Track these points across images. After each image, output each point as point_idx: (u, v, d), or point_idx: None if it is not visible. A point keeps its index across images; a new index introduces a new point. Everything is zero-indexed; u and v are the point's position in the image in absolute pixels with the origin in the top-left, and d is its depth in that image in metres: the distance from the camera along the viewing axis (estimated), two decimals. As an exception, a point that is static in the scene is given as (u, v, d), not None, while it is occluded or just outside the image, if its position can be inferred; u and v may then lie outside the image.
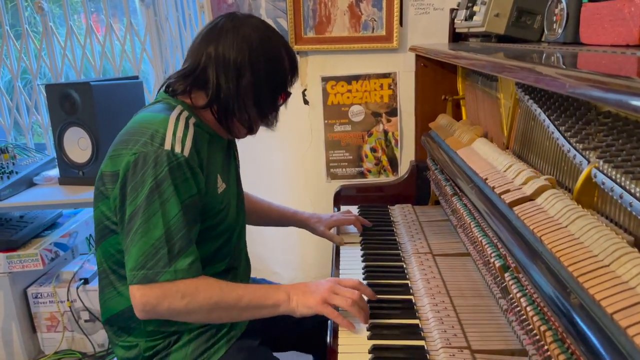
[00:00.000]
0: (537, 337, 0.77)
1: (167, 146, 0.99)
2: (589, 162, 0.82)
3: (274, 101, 1.15)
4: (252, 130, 1.16)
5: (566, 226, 0.74)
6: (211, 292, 1.00)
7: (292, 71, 1.16)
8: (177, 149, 1.00)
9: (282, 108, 1.20)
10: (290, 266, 2.31)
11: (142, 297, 0.97)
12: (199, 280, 1.00)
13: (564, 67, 0.70)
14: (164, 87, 1.16)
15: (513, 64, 0.79)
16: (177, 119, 1.06)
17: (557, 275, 0.68)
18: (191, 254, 0.99)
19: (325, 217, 1.50)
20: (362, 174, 2.16)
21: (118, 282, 1.11)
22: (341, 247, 1.43)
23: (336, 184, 1.93)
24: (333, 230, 1.51)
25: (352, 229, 1.52)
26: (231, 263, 1.21)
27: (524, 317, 0.83)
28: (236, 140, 1.30)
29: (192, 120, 1.08)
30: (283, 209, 1.52)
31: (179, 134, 1.02)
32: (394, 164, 2.14)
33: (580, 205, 0.77)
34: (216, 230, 1.13)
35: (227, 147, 1.23)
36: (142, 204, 0.97)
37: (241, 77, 1.07)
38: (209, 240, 1.12)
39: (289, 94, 1.19)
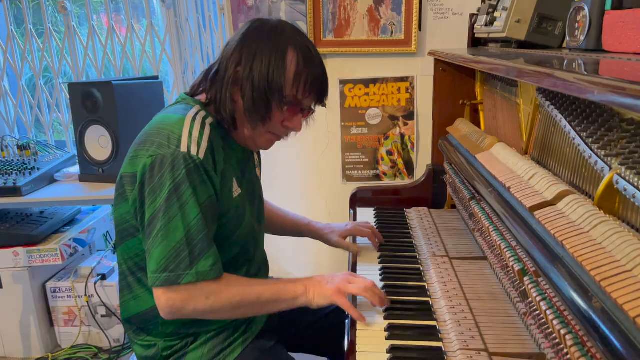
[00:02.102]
0: (557, 340, 0.78)
1: (184, 148, 1.00)
2: (610, 168, 0.83)
3: (256, 105, 1.05)
4: (234, 126, 1.09)
5: (588, 231, 0.74)
6: (234, 292, 1.02)
7: (300, 82, 1.07)
8: (194, 151, 1.00)
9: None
10: (305, 267, 2.32)
11: (168, 301, 0.99)
12: (221, 280, 1.02)
13: (586, 73, 0.71)
14: (190, 89, 1.17)
15: (534, 69, 0.80)
16: (194, 119, 1.06)
17: (578, 279, 0.69)
18: (212, 255, 1.00)
19: (339, 227, 1.46)
20: (377, 177, 2.17)
21: (136, 285, 1.13)
22: (358, 240, 1.43)
23: (352, 186, 1.94)
24: (349, 239, 1.48)
25: (367, 240, 1.48)
26: (250, 269, 1.22)
27: (543, 320, 0.83)
28: None
29: (208, 121, 1.08)
30: (298, 219, 1.50)
31: (195, 134, 1.02)
32: (409, 167, 2.15)
33: (602, 211, 0.78)
34: (233, 236, 1.13)
35: (245, 151, 1.21)
36: (162, 207, 0.98)
37: (230, 66, 1.05)
38: (227, 246, 1.12)
39: (299, 108, 1.11)
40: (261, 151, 1.33)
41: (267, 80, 1.04)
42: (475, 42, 1.72)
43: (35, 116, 2.70)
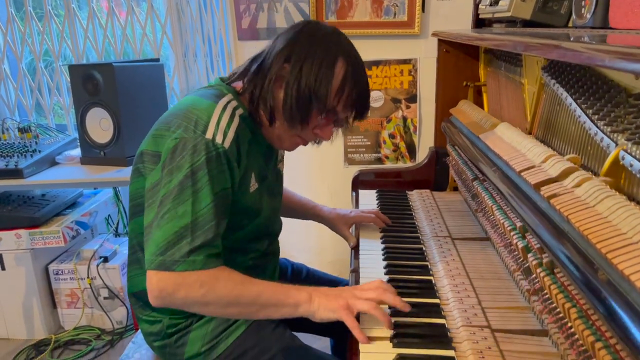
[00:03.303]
0: (561, 315, 0.78)
1: (209, 135, 0.99)
2: (616, 144, 0.82)
3: (299, 109, 1.04)
4: (271, 122, 1.08)
5: (594, 206, 0.74)
6: (231, 285, 0.96)
7: (346, 103, 1.06)
8: (218, 140, 0.99)
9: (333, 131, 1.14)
10: (306, 249, 2.33)
11: (158, 282, 0.93)
12: (219, 271, 0.96)
13: (594, 43, 0.71)
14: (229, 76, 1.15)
15: (541, 42, 0.79)
16: (224, 108, 1.04)
17: (584, 253, 0.69)
18: (214, 248, 0.97)
19: (345, 214, 1.45)
20: (379, 160, 2.17)
21: (144, 260, 1.13)
22: (360, 230, 1.44)
23: (354, 170, 1.94)
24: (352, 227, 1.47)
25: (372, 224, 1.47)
26: (259, 260, 1.21)
27: (547, 296, 0.84)
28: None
29: (239, 111, 1.07)
30: (303, 201, 1.49)
31: (223, 124, 1.01)
32: (412, 150, 2.15)
33: (607, 186, 0.78)
34: (245, 229, 1.13)
35: (270, 147, 1.20)
36: (175, 189, 0.96)
37: (276, 61, 1.04)
38: (238, 238, 1.12)
39: (335, 122, 1.11)
40: None
41: (313, 85, 1.03)
42: (479, 23, 1.70)
43: (35, 100, 2.69)
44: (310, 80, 1.02)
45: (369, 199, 1.69)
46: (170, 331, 1.13)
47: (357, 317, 0.98)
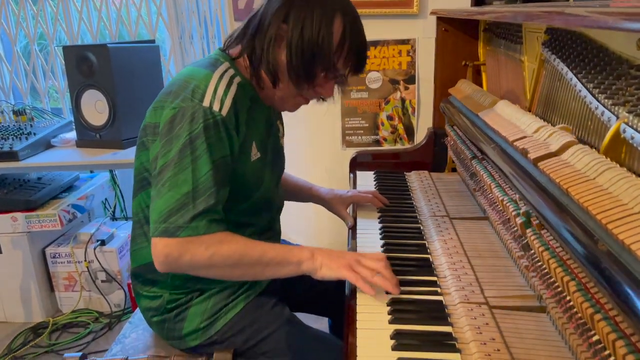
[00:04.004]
0: (559, 289, 0.77)
1: (206, 103, 0.99)
2: (617, 117, 0.81)
3: (304, 68, 1.04)
4: (275, 84, 1.07)
5: (594, 178, 0.73)
6: (235, 246, 0.98)
7: (345, 57, 1.06)
8: (216, 107, 1.00)
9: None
10: (304, 232, 2.32)
11: (164, 248, 0.95)
12: (223, 235, 0.98)
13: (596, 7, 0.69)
14: (224, 43, 1.14)
15: (543, 10, 0.77)
16: (221, 76, 1.05)
17: (584, 225, 0.68)
18: (215, 213, 0.98)
19: (342, 194, 1.44)
20: (377, 142, 2.15)
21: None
22: (358, 210, 1.43)
23: (352, 152, 1.92)
24: (349, 208, 1.46)
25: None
26: (259, 235, 1.20)
27: (546, 270, 0.83)
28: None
29: (236, 79, 1.07)
30: (300, 183, 1.49)
31: (220, 92, 1.02)
32: (410, 132, 2.13)
33: (608, 159, 0.77)
34: (248, 202, 1.12)
35: (269, 116, 1.20)
36: (174, 157, 0.97)
37: (274, 21, 1.02)
38: (241, 211, 1.12)
39: (335, 78, 1.10)
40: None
41: (316, 43, 1.02)
42: (479, 1, 1.68)
43: (30, 83, 2.66)
44: (313, 38, 1.01)
45: (366, 181, 1.68)
46: (170, 306, 1.13)
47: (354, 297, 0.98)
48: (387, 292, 0.99)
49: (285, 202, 1.50)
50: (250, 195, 1.13)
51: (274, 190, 1.24)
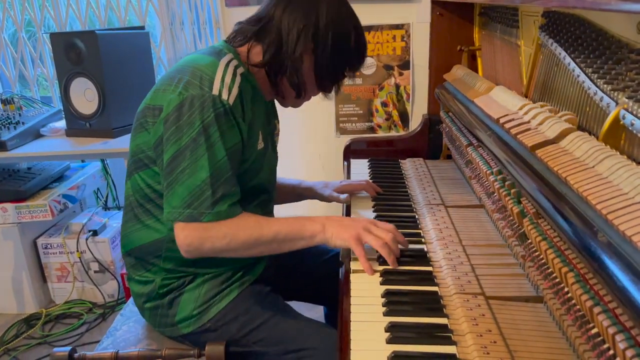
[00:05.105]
0: (557, 280, 0.76)
1: (215, 91, 1.00)
2: (617, 103, 0.79)
3: (330, 76, 1.14)
4: (300, 95, 1.14)
5: (593, 167, 0.71)
6: (251, 230, 1.02)
7: (357, 56, 1.15)
8: (224, 96, 1.01)
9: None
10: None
11: (186, 238, 0.99)
12: (239, 219, 1.02)
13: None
14: (230, 36, 1.15)
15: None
16: (227, 65, 1.06)
17: (582, 215, 0.66)
18: (234, 195, 1.02)
19: (333, 183, 1.45)
20: (372, 129, 2.13)
21: (144, 215, 1.12)
22: (352, 198, 1.41)
23: (345, 139, 1.90)
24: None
25: (364, 193, 1.44)
26: None
27: (543, 261, 0.81)
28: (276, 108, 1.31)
29: (240, 70, 1.08)
30: (289, 183, 1.47)
31: (227, 80, 1.03)
32: (404, 119, 2.10)
33: (607, 146, 0.75)
34: (246, 186, 1.11)
35: (269, 111, 1.23)
36: (189, 144, 0.98)
37: (300, 39, 1.06)
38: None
39: (348, 75, 1.18)
40: None
41: (345, 47, 1.10)
42: (474, -15, 1.65)
43: (18, 71, 2.61)
44: (337, 51, 1.08)
45: (361, 169, 1.66)
46: (162, 291, 1.13)
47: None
48: (387, 279, 0.99)
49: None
50: (248, 182, 1.13)
51: (271, 180, 1.27)
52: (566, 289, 0.72)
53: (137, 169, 1.11)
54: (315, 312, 1.58)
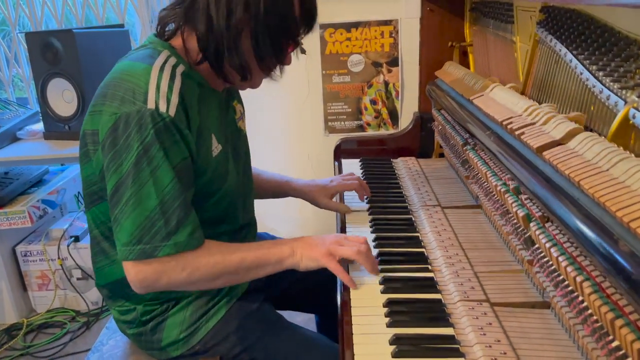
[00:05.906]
0: (570, 288, 0.73)
1: (151, 104, 0.87)
2: (625, 102, 0.76)
3: (273, 48, 0.95)
4: (245, 78, 0.97)
5: (607, 170, 0.68)
6: (213, 259, 0.93)
7: (303, 18, 0.97)
8: (162, 108, 0.88)
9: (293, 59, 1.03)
10: (288, 222, 2.26)
11: (138, 274, 0.89)
12: (200, 249, 0.92)
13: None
14: (157, 28, 1.00)
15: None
16: (162, 68, 0.92)
17: (599, 222, 0.63)
18: (190, 224, 0.90)
19: (324, 184, 1.33)
20: (361, 128, 2.09)
21: (111, 250, 1.02)
22: (345, 199, 1.36)
23: (335, 138, 1.85)
24: (336, 198, 1.36)
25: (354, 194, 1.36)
26: (235, 228, 1.13)
27: (553, 267, 0.78)
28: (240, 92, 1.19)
29: (179, 69, 0.94)
30: (276, 178, 1.37)
31: (164, 87, 0.89)
32: (394, 117, 2.07)
33: (621, 148, 0.71)
34: (215, 196, 1.04)
35: (224, 101, 1.09)
36: (130, 172, 0.87)
37: (232, 13, 0.89)
38: (209, 206, 1.03)
39: (296, 44, 1.00)
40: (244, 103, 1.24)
41: (279, 16, 0.92)
42: (465, -20, 1.61)
43: (-7, 71, 2.52)
44: (276, 20, 0.92)
45: (352, 169, 1.61)
46: (145, 318, 1.05)
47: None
48: (389, 287, 0.94)
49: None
50: (217, 190, 1.04)
51: (242, 180, 1.14)
52: (581, 298, 0.69)
53: (92, 202, 1.01)
54: (304, 317, 1.53)
